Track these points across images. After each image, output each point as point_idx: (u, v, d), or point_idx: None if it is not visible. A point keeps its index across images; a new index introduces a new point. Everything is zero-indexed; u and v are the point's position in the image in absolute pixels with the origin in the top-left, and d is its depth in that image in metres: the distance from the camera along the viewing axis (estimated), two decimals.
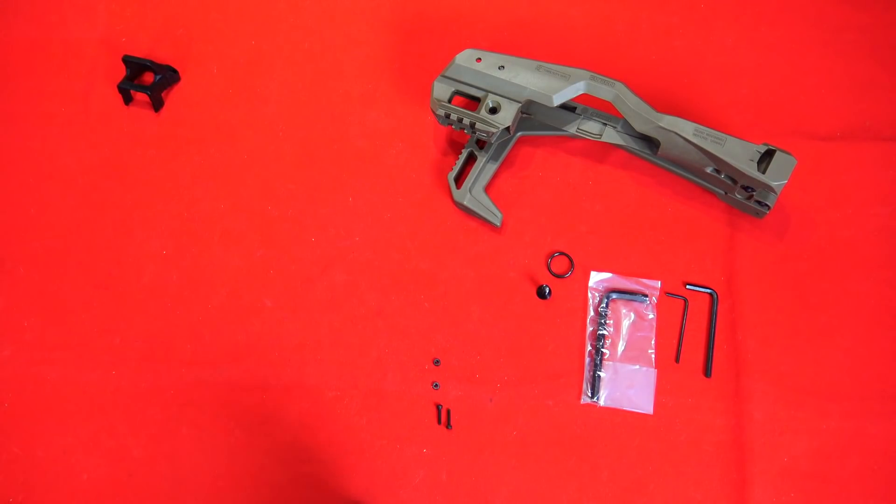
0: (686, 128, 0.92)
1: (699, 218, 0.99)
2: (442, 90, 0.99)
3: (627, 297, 0.96)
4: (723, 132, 0.91)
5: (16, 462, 0.99)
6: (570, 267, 0.99)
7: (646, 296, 0.96)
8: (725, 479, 0.89)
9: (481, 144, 1.02)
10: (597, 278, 0.97)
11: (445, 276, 1.00)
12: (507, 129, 0.96)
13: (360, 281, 1.01)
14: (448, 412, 0.95)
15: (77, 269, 1.07)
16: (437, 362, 0.97)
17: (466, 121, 0.96)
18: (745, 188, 0.92)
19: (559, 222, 1.01)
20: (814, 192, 0.98)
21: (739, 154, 0.90)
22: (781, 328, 0.93)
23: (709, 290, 0.95)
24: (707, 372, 0.92)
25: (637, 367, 0.93)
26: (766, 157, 0.89)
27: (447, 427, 0.94)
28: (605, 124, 1.01)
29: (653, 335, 0.95)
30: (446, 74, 0.99)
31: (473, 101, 1.00)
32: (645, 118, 0.93)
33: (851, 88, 1.03)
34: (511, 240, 1.01)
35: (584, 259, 0.99)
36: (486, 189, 1.01)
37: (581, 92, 0.95)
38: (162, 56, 1.16)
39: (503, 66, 0.97)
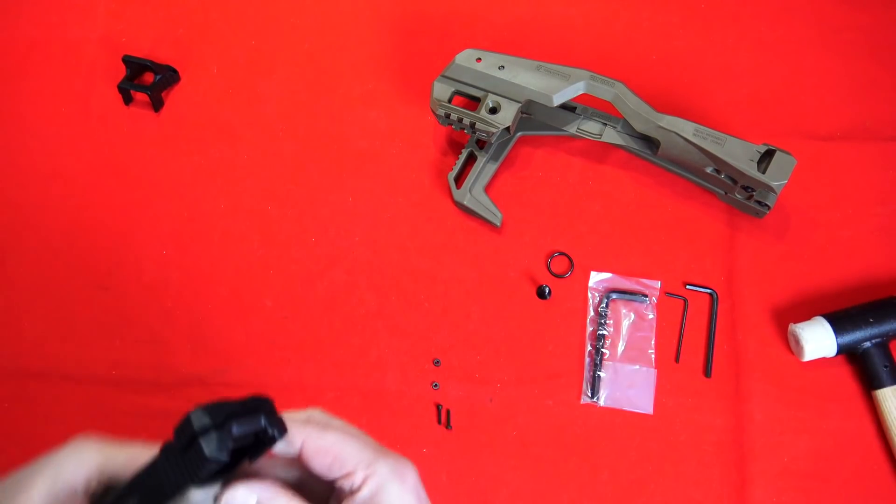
0: (686, 128, 0.92)
1: (699, 218, 0.99)
2: (442, 90, 0.99)
3: (627, 297, 0.96)
4: (723, 132, 0.91)
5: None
6: (570, 267, 0.99)
7: (646, 296, 0.96)
8: (725, 479, 0.89)
9: (481, 144, 1.02)
10: (597, 278, 0.97)
11: (445, 276, 1.00)
12: (507, 129, 0.96)
13: (360, 281, 1.01)
14: (448, 412, 0.94)
15: (77, 269, 1.06)
16: (437, 362, 0.97)
17: (466, 121, 0.96)
18: (745, 188, 0.92)
19: (559, 222, 1.01)
20: (814, 192, 0.98)
21: (739, 154, 0.90)
22: (781, 328, 0.93)
23: (709, 290, 0.95)
24: (707, 372, 0.92)
25: (637, 367, 0.93)
26: (766, 157, 0.89)
27: (447, 427, 0.94)
28: (605, 124, 1.01)
29: (653, 335, 0.95)
30: (446, 74, 0.99)
31: (473, 101, 1.00)
32: (645, 118, 0.93)
33: (851, 88, 1.03)
34: (511, 240, 1.01)
35: (584, 259, 0.99)
36: (486, 189, 1.01)
37: (581, 92, 0.95)
38: (162, 56, 1.16)
39: (503, 66, 0.97)
